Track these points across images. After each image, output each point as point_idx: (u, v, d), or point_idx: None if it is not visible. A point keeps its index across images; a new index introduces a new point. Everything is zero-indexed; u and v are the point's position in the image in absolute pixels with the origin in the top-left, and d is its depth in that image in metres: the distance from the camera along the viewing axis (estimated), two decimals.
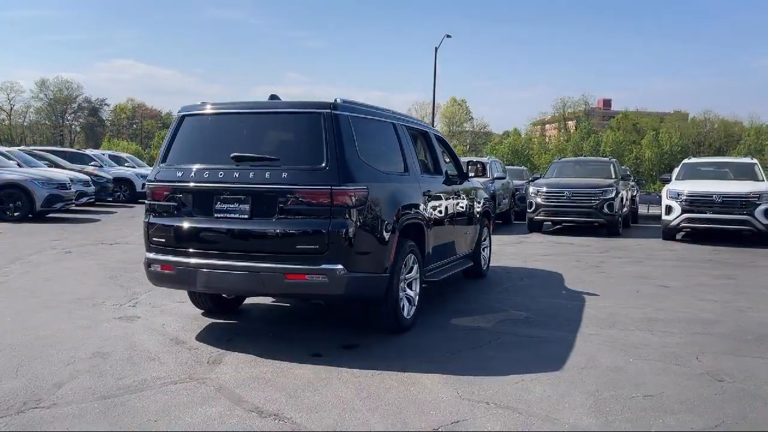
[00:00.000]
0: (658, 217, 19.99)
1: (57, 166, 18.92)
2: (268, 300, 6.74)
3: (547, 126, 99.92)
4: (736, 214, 12.51)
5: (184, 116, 5.39)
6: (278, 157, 4.97)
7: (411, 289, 5.68)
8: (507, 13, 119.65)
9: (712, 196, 12.67)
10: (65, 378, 4.29)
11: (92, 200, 18.25)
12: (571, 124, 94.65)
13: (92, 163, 21.73)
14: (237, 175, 4.94)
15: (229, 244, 4.97)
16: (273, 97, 5.49)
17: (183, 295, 6.80)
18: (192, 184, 5.08)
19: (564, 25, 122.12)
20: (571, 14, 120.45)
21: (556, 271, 9.28)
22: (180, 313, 6.15)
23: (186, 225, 5.09)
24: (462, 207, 7.38)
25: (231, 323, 5.89)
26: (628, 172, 18.69)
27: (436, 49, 38.45)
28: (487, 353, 5.08)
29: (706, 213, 12.67)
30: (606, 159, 17.28)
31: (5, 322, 5.67)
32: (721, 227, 12.88)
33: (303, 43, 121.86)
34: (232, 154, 5.00)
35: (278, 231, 4.84)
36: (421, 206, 5.95)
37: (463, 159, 20.08)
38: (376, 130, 5.65)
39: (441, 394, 4.13)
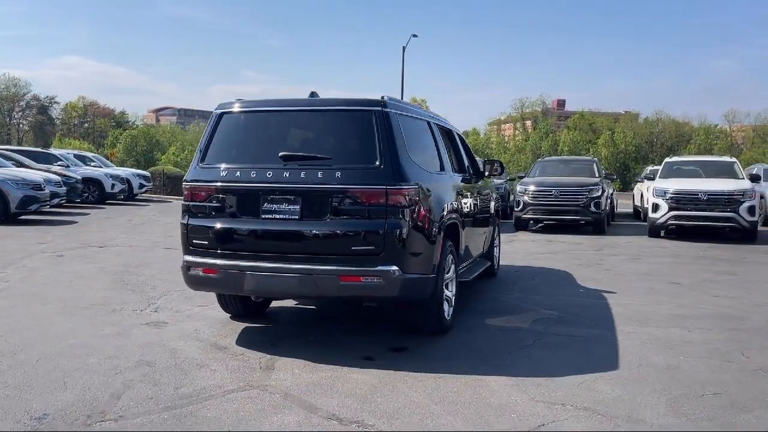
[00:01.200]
0: (628, 215, 20.47)
1: (23, 166, 18.18)
2: (290, 302, 6.57)
3: (505, 126, 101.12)
4: (721, 212, 12.82)
5: (222, 114, 5.19)
6: (329, 156, 4.83)
7: (448, 289, 5.61)
8: (467, 14, 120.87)
9: (698, 194, 12.96)
10: (119, 388, 4.07)
11: (63, 201, 17.62)
12: (528, 123, 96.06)
13: (59, 163, 21.00)
14: (287, 175, 4.77)
15: (279, 245, 4.80)
16: (313, 94, 5.34)
17: (204, 299, 6.62)
18: (238, 185, 4.89)
19: (522, 28, 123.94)
20: (528, 18, 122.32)
21: (562, 269, 9.32)
22: (208, 318, 5.94)
23: (231, 226, 4.90)
24: (481, 206, 7.34)
25: (264, 327, 5.72)
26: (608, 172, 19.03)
27: (403, 48, 38.49)
28: (537, 354, 5.04)
29: (692, 210, 12.95)
30: (588, 158, 17.56)
31: (29, 329, 5.38)
32: (706, 224, 13.19)
33: (261, 41, 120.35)
34: (280, 153, 4.83)
35: (332, 232, 4.70)
36: (456, 205, 5.89)
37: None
38: (417, 128, 5.55)
39: (513, 397, 4.06)
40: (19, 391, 3.97)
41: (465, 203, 6.38)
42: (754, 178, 13.98)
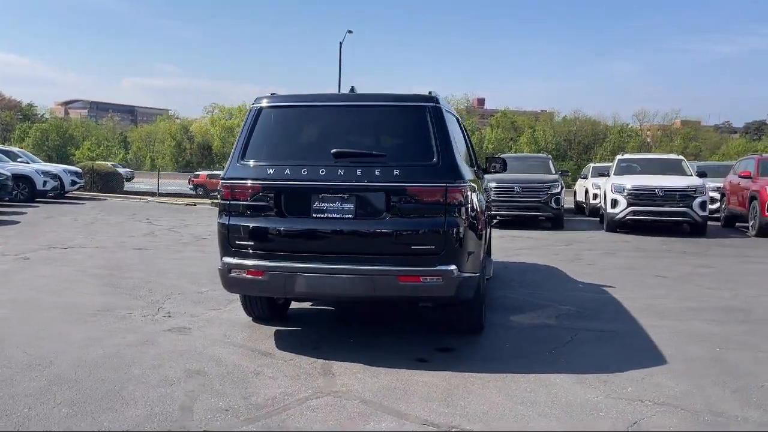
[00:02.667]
0: (569, 210, 21.04)
1: None
2: (305, 304, 6.35)
3: None
4: (676, 207, 13.41)
5: (261, 109, 4.93)
6: (383, 153, 4.68)
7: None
8: (394, 11, 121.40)
9: (654, 190, 13.49)
10: (185, 401, 3.80)
11: None
12: None
13: None
14: (342, 173, 4.58)
15: (333, 245, 4.62)
16: (353, 89, 5.16)
17: (213, 302, 6.37)
18: (288, 183, 4.66)
19: (443, 26, 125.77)
20: (449, 17, 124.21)
21: (548, 264, 9.48)
22: (229, 322, 5.66)
23: (280, 226, 4.67)
24: (487, 202, 7.35)
25: (294, 329, 5.50)
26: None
27: (340, 44, 38.19)
28: (581, 350, 5.07)
29: (649, 206, 13.47)
30: (544, 155, 17.90)
31: (44, 339, 4.96)
32: (662, 219, 13.75)
33: (174, 33, 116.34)
34: (332, 150, 4.64)
35: (391, 231, 4.55)
36: (486, 202, 5.86)
37: None
38: (453, 123, 5.47)
39: (588, 395, 4.06)
40: (78, 409, 3.64)
41: (485, 199, 6.36)
42: (701, 175, 14.70)
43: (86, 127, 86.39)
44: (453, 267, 4.55)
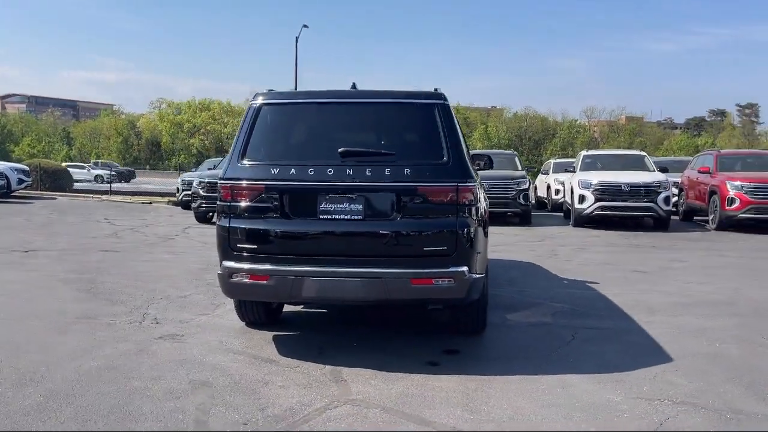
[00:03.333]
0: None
1: None
2: (297, 307, 6.17)
3: None
4: (641, 202, 13.67)
5: (261, 106, 4.73)
6: (392, 151, 4.54)
7: None
8: (351, 8, 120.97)
9: (620, 186, 13.72)
10: (198, 414, 3.60)
11: None
12: None
13: None
14: (350, 173, 4.43)
15: (343, 248, 4.46)
16: (354, 86, 5.00)
17: (199, 307, 6.13)
18: (293, 183, 4.48)
19: (395, 23, 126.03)
20: (399, 15, 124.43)
21: (528, 261, 9.51)
22: (222, 327, 5.44)
23: (285, 229, 4.49)
24: None
25: (293, 334, 5.32)
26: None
27: (296, 38, 37.65)
28: (586, 349, 5.04)
29: (616, 201, 13.70)
30: (510, 152, 17.95)
31: (28, 352, 4.65)
32: (628, 214, 14.01)
33: (119, 25, 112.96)
34: (340, 149, 4.47)
35: (403, 232, 4.42)
36: None
37: None
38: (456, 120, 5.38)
39: (607, 395, 4.02)
40: (85, 425, 3.40)
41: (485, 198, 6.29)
42: (663, 170, 15.02)
43: (25, 123, 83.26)
44: (465, 268, 4.46)
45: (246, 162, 4.60)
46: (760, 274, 8.65)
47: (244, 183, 4.54)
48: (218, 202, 4.71)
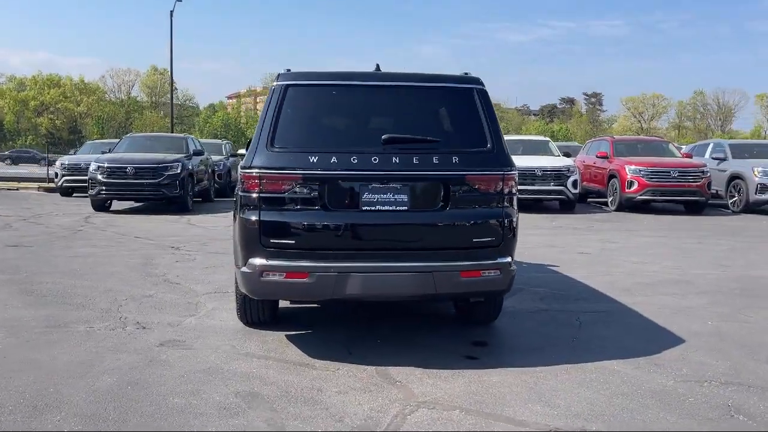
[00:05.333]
0: None
1: None
2: (285, 303, 5.78)
3: (261, 99, 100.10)
4: (552, 185, 14.27)
5: (287, 87, 4.30)
6: (438, 138, 4.30)
7: None
8: None
9: (534, 170, 14.23)
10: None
11: None
12: (263, 99, 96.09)
13: None
14: (397, 161, 4.15)
15: (388, 241, 4.19)
16: (378, 67, 4.69)
17: (180, 308, 5.60)
18: (335, 173, 4.12)
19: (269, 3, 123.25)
20: None
21: None
22: (222, 330, 4.98)
23: (326, 221, 4.13)
24: None
25: (304, 333, 4.96)
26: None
27: (171, 12, 35.46)
28: (598, 333, 5.12)
29: (530, 185, 14.19)
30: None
31: (15, 371, 3.98)
32: (541, 197, 14.57)
33: None
34: (384, 136, 4.17)
35: (452, 223, 4.22)
36: None
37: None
38: None
39: (659, 380, 4.09)
40: None
41: None
42: (567, 155, 15.78)
43: None
44: (509, 259, 4.36)
45: (277, 149, 4.18)
46: (688, 253, 9.29)
47: (278, 172, 4.12)
48: (240, 193, 4.25)
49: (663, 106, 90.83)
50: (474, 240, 4.26)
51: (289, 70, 4.46)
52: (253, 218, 4.15)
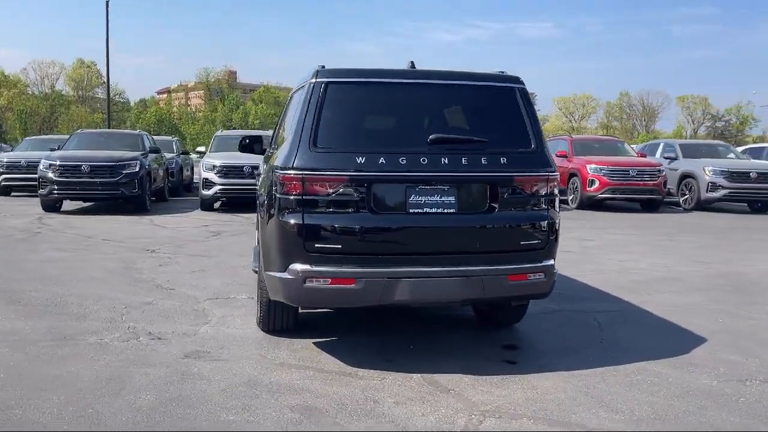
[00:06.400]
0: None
1: None
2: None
3: (192, 95, 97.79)
4: None
5: (328, 84, 4.10)
6: (485, 138, 4.19)
7: None
8: None
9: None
10: None
11: None
12: (202, 93, 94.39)
13: None
14: (446, 162, 4.01)
15: (436, 244, 4.05)
16: (412, 64, 4.53)
17: (187, 315, 5.30)
18: (382, 174, 3.95)
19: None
20: None
21: None
22: (242, 339, 4.74)
23: (373, 225, 3.96)
24: None
25: (331, 340, 4.76)
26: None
27: (107, 3, 33.99)
28: (622, 334, 5.12)
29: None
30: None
31: (44, 390, 3.65)
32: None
33: None
34: (432, 136, 4.03)
35: (499, 226, 4.13)
36: None
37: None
38: None
39: (704, 381, 4.10)
40: None
41: None
42: None
43: None
44: (552, 262, 4.31)
45: (320, 149, 3.98)
46: (664, 250, 9.54)
47: (323, 174, 3.92)
48: (277, 195, 4.03)
49: (592, 107, 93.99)
50: (521, 243, 4.18)
51: (323, 66, 4.26)
52: (295, 222, 3.94)
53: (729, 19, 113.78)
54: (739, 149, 19.07)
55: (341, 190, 3.94)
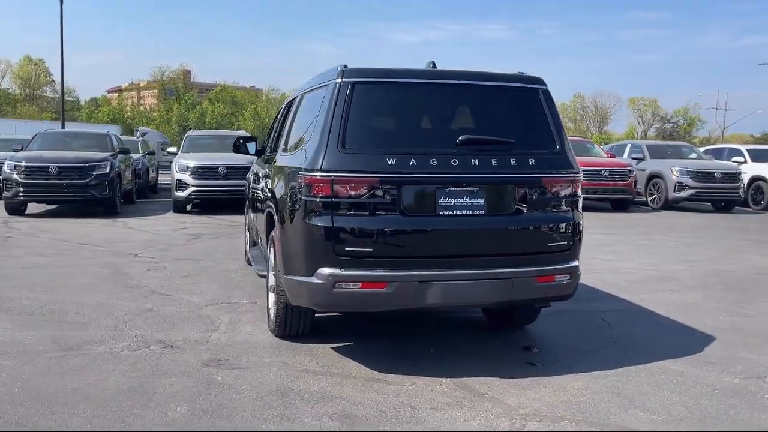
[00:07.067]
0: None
1: None
2: None
3: (145, 94, 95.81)
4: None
5: (354, 84, 4.01)
6: (512, 139, 4.16)
7: None
8: None
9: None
10: None
11: None
12: (148, 93, 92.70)
13: None
14: (476, 163, 3.97)
15: (466, 247, 4.01)
16: (434, 64, 4.47)
17: (193, 322, 5.14)
18: (413, 175, 3.88)
19: None
20: None
21: None
22: (258, 345, 4.62)
23: (404, 227, 3.89)
24: None
25: (350, 345, 4.67)
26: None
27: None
28: (633, 333, 5.19)
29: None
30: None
31: (66, 404, 3.47)
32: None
33: None
34: (461, 137, 3.98)
35: (529, 227, 4.11)
36: None
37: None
38: None
39: (726, 379, 4.17)
40: None
41: None
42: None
43: None
44: (577, 263, 4.32)
45: (349, 150, 3.89)
46: (647, 249, 9.72)
47: (354, 175, 3.84)
48: (304, 198, 3.92)
49: None
50: (549, 244, 4.18)
51: (346, 66, 4.17)
52: (324, 225, 3.85)
53: (678, 23, 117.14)
54: (701, 149, 19.61)
55: (372, 192, 3.86)
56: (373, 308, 4.10)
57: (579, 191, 4.33)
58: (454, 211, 3.99)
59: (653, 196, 16.42)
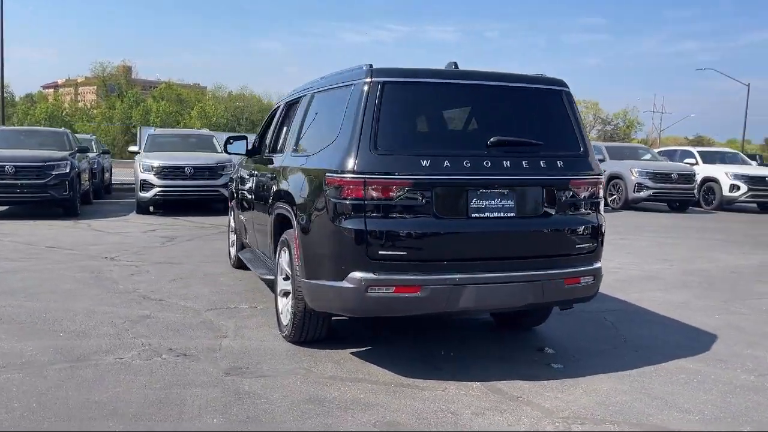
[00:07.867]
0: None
1: None
2: None
3: (84, 90, 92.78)
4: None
5: (384, 83, 3.92)
6: (540, 141, 4.14)
7: None
8: None
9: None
10: None
11: None
12: (87, 89, 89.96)
13: None
14: (508, 165, 3.94)
15: (498, 249, 3.97)
16: (455, 65, 4.41)
17: (199, 329, 4.98)
18: (447, 177, 3.82)
19: None
20: None
21: None
22: (275, 352, 4.48)
23: (437, 230, 3.83)
24: None
25: (368, 350, 4.58)
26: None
27: None
28: (638, 332, 5.27)
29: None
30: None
31: (92, 419, 3.27)
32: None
33: None
34: (492, 138, 3.94)
35: (558, 229, 4.11)
36: None
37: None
38: None
39: (742, 376, 4.27)
40: None
41: None
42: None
43: None
44: (600, 264, 4.35)
45: (381, 152, 3.80)
46: (624, 249, 9.93)
47: (388, 177, 3.75)
48: (333, 200, 3.82)
49: None
50: (576, 246, 4.19)
51: (371, 65, 4.08)
52: (356, 228, 3.75)
53: (616, 29, 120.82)
54: (656, 151, 20.22)
55: (406, 194, 3.79)
56: (406, 313, 4.03)
57: (601, 193, 4.36)
58: (485, 214, 3.95)
59: (613, 197, 16.83)
